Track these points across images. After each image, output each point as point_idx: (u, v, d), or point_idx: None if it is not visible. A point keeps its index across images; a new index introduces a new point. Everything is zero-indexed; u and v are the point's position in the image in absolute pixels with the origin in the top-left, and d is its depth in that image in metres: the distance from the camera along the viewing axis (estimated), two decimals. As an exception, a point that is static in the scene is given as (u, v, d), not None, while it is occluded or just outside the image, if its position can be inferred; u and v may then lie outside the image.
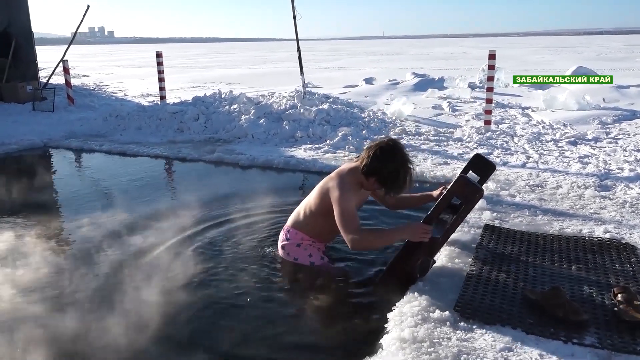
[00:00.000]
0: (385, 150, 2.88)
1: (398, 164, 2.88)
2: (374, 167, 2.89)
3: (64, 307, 2.86)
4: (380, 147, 2.90)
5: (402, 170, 2.89)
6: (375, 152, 2.89)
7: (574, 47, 47.13)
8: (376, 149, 2.89)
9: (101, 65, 31.15)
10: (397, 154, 2.89)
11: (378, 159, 2.87)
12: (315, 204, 3.10)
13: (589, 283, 2.82)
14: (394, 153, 2.88)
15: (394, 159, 2.88)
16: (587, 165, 5.41)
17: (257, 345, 2.51)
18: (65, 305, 2.88)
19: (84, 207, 4.66)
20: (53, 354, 2.42)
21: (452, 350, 2.22)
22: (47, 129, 8.51)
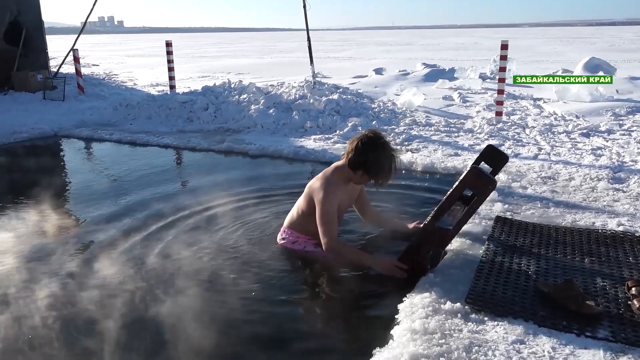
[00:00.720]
0: (368, 142, 2.94)
1: (381, 154, 2.93)
2: (359, 160, 2.95)
3: (77, 295, 2.88)
4: (361, 139, 2.96)
5: (387, 159, 2.94)
6: (357, 145, 2.95)
7: (586, 38, 46.56)
8: (358, 142, 2.96)
9: (111, 54, 31.23)
10: (379, 144, 2.94)
11: (361, 151, 2.93)
12: (304, 205, 3.17)
13: (602, 276, 2.79)
14: (376, 143, 2.94)
15: (377, 149, 2.93)
16: (600, 157, 5.35)
17: (265, 336, 2.51)
18: (78, 291, 2.90)
19: (96, 196, 4.68)
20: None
21: (464, 342, 2.21)
22: (57, 117, 8.55)
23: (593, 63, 11.90)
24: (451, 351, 2.15)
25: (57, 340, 2.46)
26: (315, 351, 2.42)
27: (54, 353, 2.38)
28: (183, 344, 2.41)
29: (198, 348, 2.38)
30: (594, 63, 11.90)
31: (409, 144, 6.30)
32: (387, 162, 2.94)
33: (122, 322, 2.58)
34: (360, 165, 2.96)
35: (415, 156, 5.61)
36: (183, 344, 2.41)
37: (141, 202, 4.41)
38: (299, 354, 2.40)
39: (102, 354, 2.35)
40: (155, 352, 2.39)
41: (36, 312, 2.69)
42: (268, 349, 2.43)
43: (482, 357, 2.12)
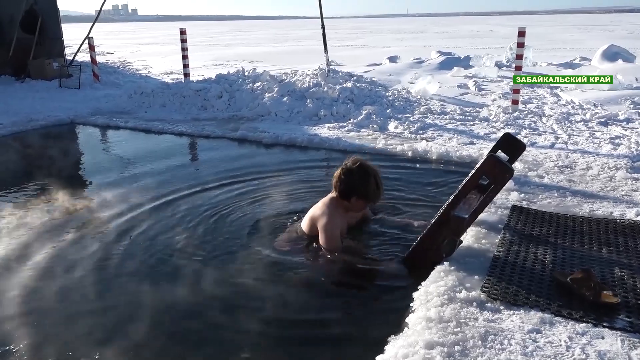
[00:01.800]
0: (350, 170, 3.13)
1: (364, 176, 3.12)
2: (347, 189, 3.15)
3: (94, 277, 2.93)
4: (344, 170, 3.15)
5: (371, 179, 3.13)
6: (341, 176, 3.14)
7: (604, 26, 45.69)
8: (341, 174, 3.15)
9: (125, 42, 31.35)
10: (360, 169, 3.13)
11: (347, 180, 3.13)
12: (307, 230, 3.27)
13: (620, 266, 2.76)
14: (357, 169, 3.12)
15: (359, 173, 3.12)
16: (618, 146, 5.27)
17: (281, 324, 2.53)
18: (95, 274, 2.95)
19: (113, 181, 4.75)
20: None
21: (479, 331, 2.20)
22: (73, 105, 8.63)
23: (612, 51, 11.71)
24: (466, 339, 2.15)
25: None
26: (331, 339, 2.44)
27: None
28: (202, 331, 2.44)
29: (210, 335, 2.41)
30: (612, 51, 11.71)
31: (423, 132, 6.26)
32: (372, 182, 3.13)
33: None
34: (351, 193, 3.15)
35: (430, 145, 5.57)
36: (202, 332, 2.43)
37: (153, 187, 4.46)
38: (315, 341, 2.42)
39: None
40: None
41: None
42: (284, 336, 2.46)
43: (497, 345, 2.11)
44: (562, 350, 2.07)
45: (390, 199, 4.00)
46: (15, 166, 5.65)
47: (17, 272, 3.02)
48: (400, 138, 6.05)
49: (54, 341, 2.40)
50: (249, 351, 2.32)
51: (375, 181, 3.14)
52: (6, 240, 3.46)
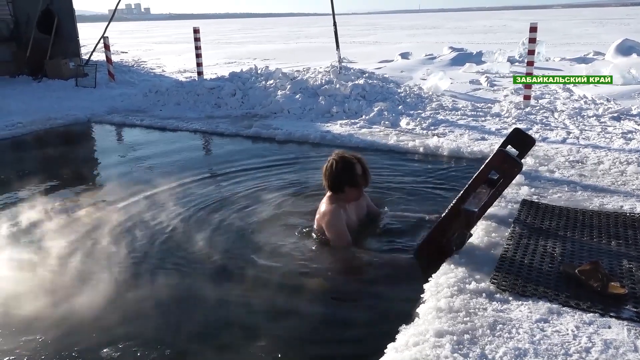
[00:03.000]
0: (333, 165, 3.24)
1: (349, 164, 3.23)
2: (336, 182, 3.25)
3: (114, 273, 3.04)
4: (328, 166, 3.27)
5: (356, 165, 3.24)
6: (327, 173, 3.26)
7: (620, 19, 45.06)
8: (326, 171, 3.27)
9: (139, 41, 31.64)
10: (342, 160, 3.24)
11: (333, 174, 3.23)
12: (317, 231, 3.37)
13: (628, 258, 2.80)
14: (339, 161, 3.23)
15: (342, 164, 3.23)
16: (630, 141, 5.27)
17: (294, 312, 2.62)
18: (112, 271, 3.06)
19: (133, 179, 4.87)
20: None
21: (488, 320, 2.26)
22: (90, 104, 8.78)
23: (626, 45, 11.61)
24: (475, 328, 2.21)
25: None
26: (344, 329, 2.53)
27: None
28: (205, 325, 2.54)
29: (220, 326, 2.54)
30: (627, 45, 11.61)
31: (435, 128, 6.30)
32: (357, 167, 3.24)
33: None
34: (342, 184, 3.25)
35: (441, 140, 5.62)
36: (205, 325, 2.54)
37: (174, 184, 4.57)
38: (329, 332, 2.51)
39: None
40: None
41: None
42: (297, 325, 2.54)
43: (506, 334, 2.17)
44: (568, 339, 2.13)
45: (400, 193, 4.08)
46: (35, 164, 5.80)
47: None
48: (412, 134, 6.10)
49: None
50: (264, 340, 2.41)
51: (360, 166, 3.25)
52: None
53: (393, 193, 4.14)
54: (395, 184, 4.40)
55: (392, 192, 4.16)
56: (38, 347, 2.37)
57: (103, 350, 2.32)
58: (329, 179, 3.26)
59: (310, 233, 3.40)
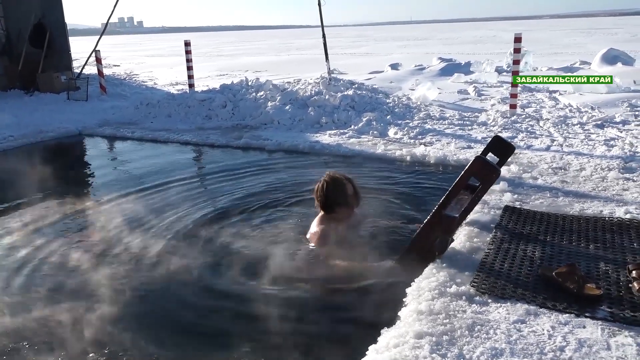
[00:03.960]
0: (326, 186, 3.33)
1: (341, 185, 3.33)
2: (329, 203, 3.34)
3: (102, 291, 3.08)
4: (319, 187, 3.36)
5: (348, 186, 3.35)
6: (320, 194, 3.34)
7: (608, 29, 45.71)
8: (319, 191, 3.35)
9: (131, 55, 31.75)
10: (334, 181, 3.34)
11: (326, 195, 3.33)
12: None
13: (605, 261, 2.87)
14: (332, 183, 3.33)
15: (335, 185, 3.32)
16: (612, 147, 5.39)
17: (276, 319, 2.67)
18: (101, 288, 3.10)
19: (122, 189, 4.91)
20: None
21: (467, 322, 2.33)
22: (81, 117, 8.82)
23: (611, 54, 11.82)
24: (454, 330, 2.27)
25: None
26: (327, 333, 2.59)
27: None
28: (191, 330, 2.58)
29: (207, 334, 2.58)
30: (612, 54, 11.82)
31: (422, 137, 6.40)
32: (349, 188, 3.35)
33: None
34: (334, 205, 3.35)
35: (428, 149, 5.71)
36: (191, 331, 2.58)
37: (162, 195, 4.62)
38: (312, 333, 2.57)
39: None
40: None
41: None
42: (279, 329, 2.59)
43: (483, 335, 2.24)
44: (544, 339, 2.19)
45: (386, 201, 4.15)
46: (23, 177, 5.81)
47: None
48: (399, 143, 6.19)
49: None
50: (248, 346, 2.46)
51: (352, 186, 3.36)
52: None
53: (378, 201, 4.21)
54: (382, 191, 4.47)
55: (378, 200, 4.22)
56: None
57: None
58: (320, 200, 3.35)
59: (296, 241, 3.46)
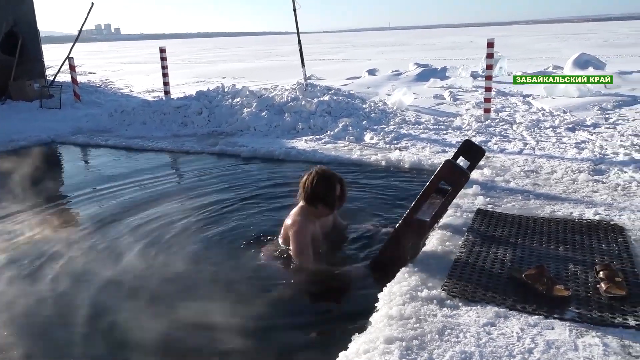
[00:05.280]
0: (314, 179, 3.23)
1: (328, 183, 3.24)
2: (313, 197, 3.24)
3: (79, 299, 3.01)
4: (308, 180, 3.26)
5: (335, 185, 3.25)
6: (306, 185, 3.24)
7: (581, 34, 46.64)
8: (306, 182, 3.26)
9: (107, 62, 31.37)
10: (324, 177, 3.25)
11: (312, 189, 3.23)
12: (283, 242, 3.39)
13: (574, 262, 2.91)
14: (321, 177, 3.24)
15: (323, 181, 3.23)
16: (583, 150, 5.47)
17: (249, 326, 2.63)
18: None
19: (89, 199, 4.81)
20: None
21: (437, 326, 2.32)
22: (54, 125, 8.68)
23: (582, 59, 12.03)
24: (424, 334, 2.27)
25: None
26: (298, 339, 2.56)
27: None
28: (160, 344, 2.55)
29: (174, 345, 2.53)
30: (583, 59, 12.03)
31: (397, 142, 6.43)
32: (337, 188, 3.26)
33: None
34: (317, 200, 3.25)
35: (403, 154, 5.73)
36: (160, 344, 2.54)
37: (133, 204, 4.54)
38: (284, 339, 2.54)
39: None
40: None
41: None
42: (251, 335, 2.56)
43: (453, 339, 2.23)
44: (513, 341, 2.20)
45: (360, 205, 4.15)
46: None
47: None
48: (375, 148, 6.21)
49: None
50: (216, 352, 2.43)
51: (340, 187, 3.27)
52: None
53: (352, 206, 4.20)
54: (355, 197, 4.46)
55: (352, 205, 4.21)
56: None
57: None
58: (306, 192, 3.26)
59: (271, 243, 3.43)
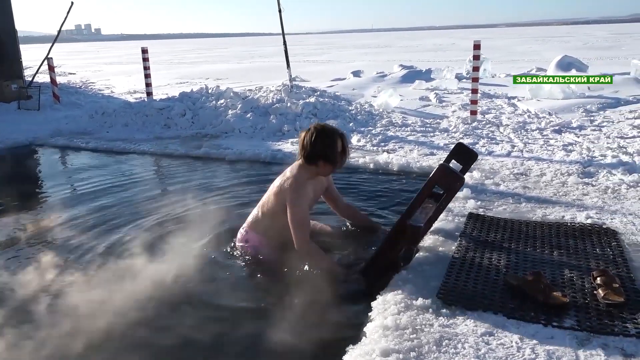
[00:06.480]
0: (315, 134, 3.07)
1: (331, 138, 3.08)
2: (314, 152, 3.07)
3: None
4: (308, 134, 3.09)
5: (337, 141, 3.10)
6: (306, 140, 3.08)
7: (561, 37, 47.33)
8: (306, 137, 3.09)
9: (88, 62, 30.90)
10: (325, 131, 3.10)
11: (313, 143, 3.05)
12: (271, 203, 3.19)
13: (569, 267, 2.86)
14: (323, 131, 3.09)
15: (325, 136, 3.08)
16: (570, 152, 5.47)
17: (242, 338, 2.53)
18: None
19: (67, 204, 4.66)
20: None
21: (434, 336, 2.25)
22: (32, 127, 8.45)
23: (565, 61, 12.14)
24: (422, 345, 2.19)
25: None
26: (290, 350, 2.45)
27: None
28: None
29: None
30: (566, 61, 12.14)
31: (385, 144, 6.36)
32: (340, 143, 3.11)
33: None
34: (318, 157, 3.08)
35: (391, 157, 5.67)
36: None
37: (113, 209, 4.40)
38: (273, 353, 2.43)
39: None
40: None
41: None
42: (242, 348, 2.47)
43: (451, 350, 2.16)
44: (513, 352, 2.13)
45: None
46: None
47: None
48: (362, 151, 6.14)
49: None
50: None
51: (342, 143, 3.11)
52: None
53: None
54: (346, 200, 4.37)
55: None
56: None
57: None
58: (305, 149, 3.08)
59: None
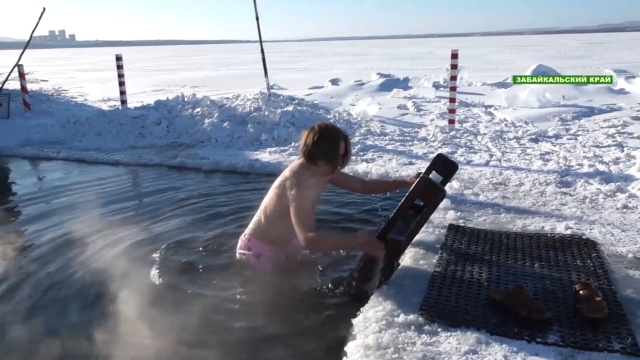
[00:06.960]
0: (320, 132, 3.00)
1: (336, 139, 3.01)
2: (316, 152, 3.00)
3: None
4: (313, 133, 3.02)
5: (342, 141, 3.03)
6: (309, 139, 3.01)
7: (534, 46, 48.27)
8: (309, 136, 3.01)
9: (61, 69, 30.29)
10: (329, 131, 3.03)
11: (315, 143, 2.99)
12: (273, 206, 3.11)
13: (551, 280, 2.83)
14: (328, 131, 3.02)
15: (328, 136, 3.01)
16: (548, 162, 5.49)
17: (215, 353, 2.44)
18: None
19: (32, 217, 4.48)
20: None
21: (417, 355, 2.18)
22: (1, 136, 8.17)
23: (540, 70, 12.31)
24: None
25: None
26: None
27: None
28: None
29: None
30: (541, 70, 12.31)
31: (364, 154, 6.32)
32: (342, 144, 3.04)
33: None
34: (319, 156, 3.01)
35: (370, 166, 5.62)
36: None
37: (84, 222, 4.24)
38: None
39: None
40: None
41: None
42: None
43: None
44: (497, 370, 2.08)
45: (327, 222, 4.00)
46: None
47: None
48: (341, 160, 6.07)
49: None
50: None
51: (345, 145, 3.05)
52: None
53: (322, 223, 4.03)
54: (322, 211, 4.29)
55: (320, 222, 4.05)
56: None
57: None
58: (306, 148, 3.01)
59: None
